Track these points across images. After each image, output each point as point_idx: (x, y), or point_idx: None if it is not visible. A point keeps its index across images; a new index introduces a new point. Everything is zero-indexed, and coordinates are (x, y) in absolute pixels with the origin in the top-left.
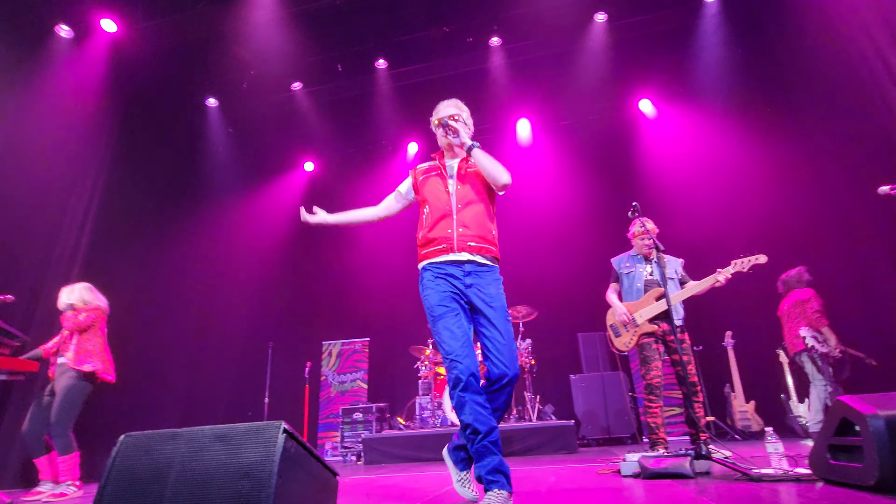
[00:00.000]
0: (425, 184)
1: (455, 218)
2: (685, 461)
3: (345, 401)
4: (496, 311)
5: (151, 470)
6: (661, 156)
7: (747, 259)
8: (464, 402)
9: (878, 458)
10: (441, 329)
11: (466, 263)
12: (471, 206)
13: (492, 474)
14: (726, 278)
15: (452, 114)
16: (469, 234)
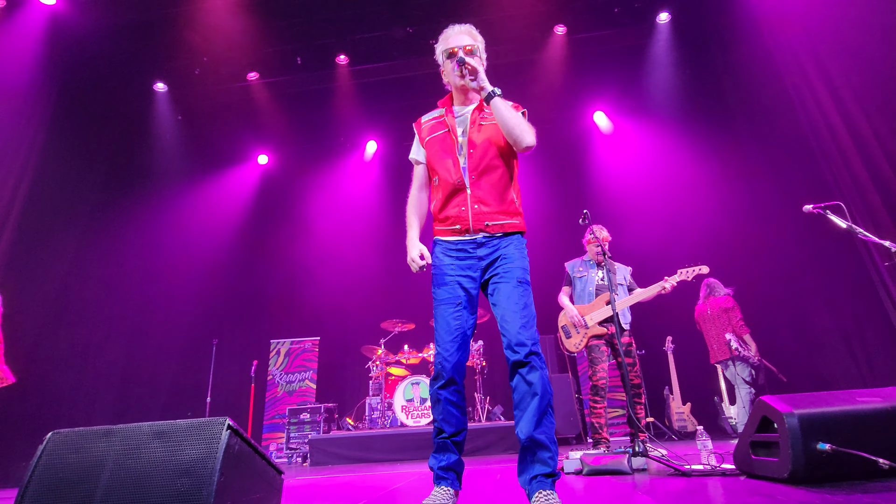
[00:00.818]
0: (432, 146)
1: (469, 192)
2: (623, 458)
3: (292, 401)
4: (509, 277)
5: (81, 469)
6: (612, 166)
7: (691, 269)
8: (438, 399)
9: (791, 452)
10: (438, 317)
11: (483, 240)
12: (488, 174)
13: (444, 470)
14: (672, 286)
15: (467, 44)
16: (487, 210)
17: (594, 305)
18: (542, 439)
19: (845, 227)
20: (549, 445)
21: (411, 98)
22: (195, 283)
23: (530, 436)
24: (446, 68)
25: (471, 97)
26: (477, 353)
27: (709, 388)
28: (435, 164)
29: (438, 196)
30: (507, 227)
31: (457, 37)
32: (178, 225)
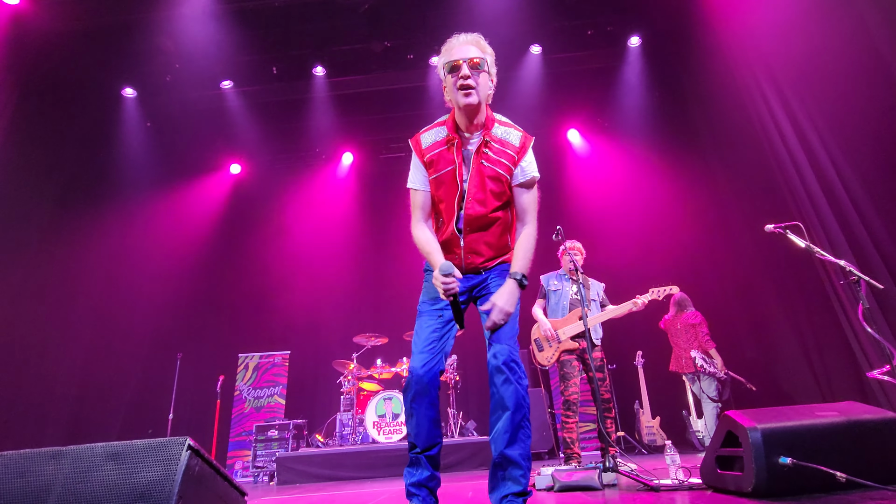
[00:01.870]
0: (437, 185)
1: (463, 244)
2: (594, 474)
3: (260, 417)
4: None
5: (25, 495)
6: (586, 184)
7: (662, 289)
8: (412, 412)
9: (754, 466)
10: (419, 327)
11: (469, 279)
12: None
13: (415, 486)
14: (644, 304)
15: (473, 57)
16: (480, 259)
17: (567, 320)
18: (515, 457)
19: (804, 247)
20: (521, 463)
21: (388, 111)
22: (160, 294)
23: (502, 452)
24: (448, 83)
25: (477, 121)
26: (451, 367)
27: (678, 402)
28: (438, 204)
29: (437, 224)
30: (499, 260)
31: (461, 48)
32: (144, 234)
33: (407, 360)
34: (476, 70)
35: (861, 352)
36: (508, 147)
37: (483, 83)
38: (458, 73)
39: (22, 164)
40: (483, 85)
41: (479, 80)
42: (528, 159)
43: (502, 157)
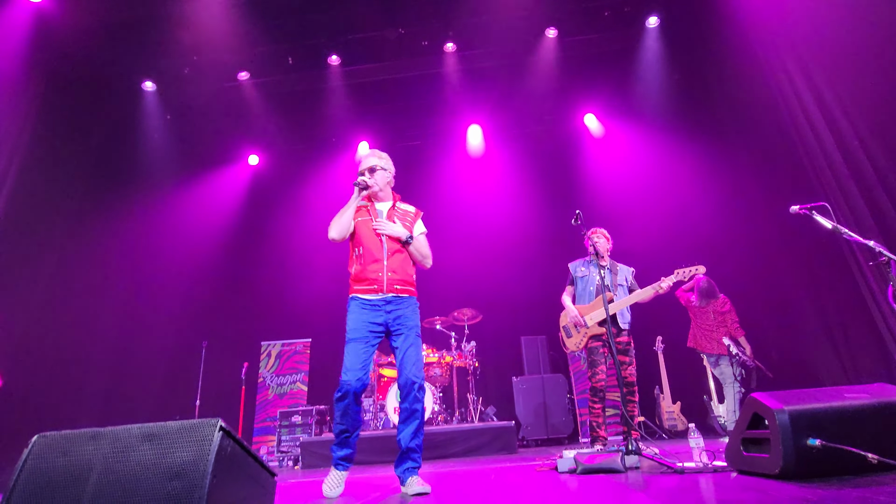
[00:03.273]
0: (358, 227)
1: (385, 264)
2: (617, 457)
3: (283, 403)
4: (408, 333)
5: (68, 473)
6: (603, 168)
7: (688, 269)
8: (346, 409)
9: (782, 448)
10: (347, 350)
11: (391, 299)
12: (398, 254)
13: (344, 459)
14: (668, 286)
15: (372, 165)
16: (396, 278)
17: (593, 305)
18: (415, 447)
19: (830, 228)
20: (418, 451)
21: (403, 99)
22: (184, 284)
23: (408, 446)
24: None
25: (384, 196)
26: (469, 354)
27: (698, 387)
28: (363, 239)
29: (360, 262)
30: (407, 292)
31: (368, 159)
32: (167, 226)
33: (426, 347)
34: (371, 173)
35: (889, 333)
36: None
37: (381, 177)
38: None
39: (50, 157)
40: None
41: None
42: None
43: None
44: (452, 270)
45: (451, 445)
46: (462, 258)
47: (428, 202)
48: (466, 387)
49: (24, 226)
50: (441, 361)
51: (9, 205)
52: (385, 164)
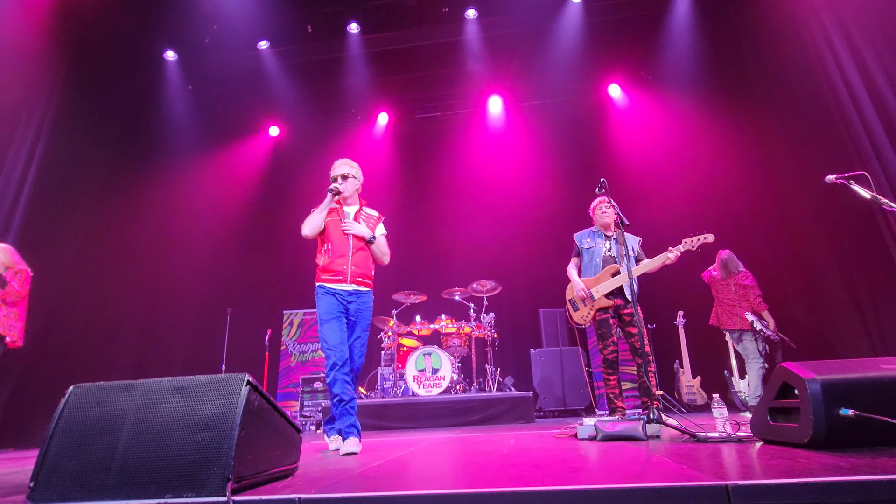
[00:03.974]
0: (328, 226)
1: (350, 258)
2: (638, 425)
3: (305, 370)
4: (362, 325)
5: (103, 422)
6: (628, 140)
7: (696, 238)
8: (336, 379)
9: (812, 417)
10: (326, 330)
11: (353, 291)
12: (361, 251)
13: (348, 428)
14: (676, 256)
15: (343, 173)
16: (358, 272)
17: (599, 278)
18: (356, 422)
19: (869, 198)
20: (357, 425)
21: (423, 69)
22: (208, 253)
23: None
24: (335, 183)
25: (352, 202)
26: (489, 324)
27: (719, 363)
28: (331, 236)
29: (328, 256)
30: (366, 285)
31: (338, 167)
32: (192, 194)
33: (445, 317)
34: (344, 180)
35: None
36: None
37: (350, 184)
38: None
39: (77, 128)
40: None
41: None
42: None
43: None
44: (472, 242)
45: (469, 413)
46: (482, 230)
47: (447, 174)
48: (485, 357)
49: (56, 191)
50: (460, 332)
51: (40, 171)
52: (356, 173)
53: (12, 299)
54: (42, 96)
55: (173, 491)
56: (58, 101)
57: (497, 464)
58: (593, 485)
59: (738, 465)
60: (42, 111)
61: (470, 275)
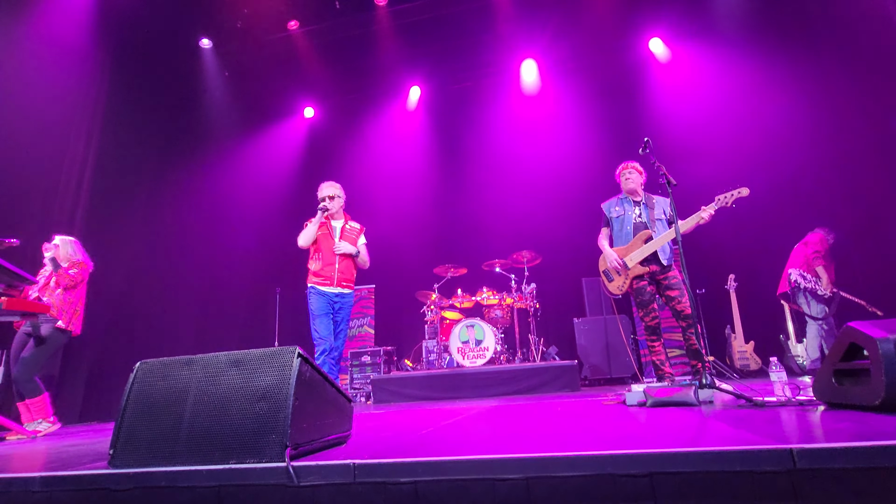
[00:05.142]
0: (319, 238)
1: (336, 266)
2: (690, 391)
3: (353, 345)
4: (345, 319)
5: (169, 394)
6: (672, 97)
7: (730, 194)
8: (325, 362)
9: (885, 378)
10: (318, 323)
11: (338, 293)
12: (345, 260)
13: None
14: (710, 215)
15: (330, 194)
16: (343, 276)
17: (631, 246)
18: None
19: None
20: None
21: (454, 38)
22: (255, 235)
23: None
24: (324, 202)
25: (337, 217)
26: (530, 295)
27: (774, 327)
28: (321, 246)
29: (319, 261)
30: (350, 287)
31: (325, 189)
32: (235, 180)
33: (486, 289)
34: (331, 200)
35: None
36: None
37: (336, 203)
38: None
39: (126, 121)
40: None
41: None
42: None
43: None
44: (510, 213)
45: (513, 383)
46: (520, 200)
47: (483, 145)
48: (528, 328)
49: (113, 184)
50: (502, 303)
51: (97, 165)
52: (340, 192)
53: (66, 283)
54: (91, 92)
55: (236, 457)
56: (106, 97)
57: (546, 430)
58: (646, 449)
59: (802, 429)
60: (93, 107)
61: (510, 246)
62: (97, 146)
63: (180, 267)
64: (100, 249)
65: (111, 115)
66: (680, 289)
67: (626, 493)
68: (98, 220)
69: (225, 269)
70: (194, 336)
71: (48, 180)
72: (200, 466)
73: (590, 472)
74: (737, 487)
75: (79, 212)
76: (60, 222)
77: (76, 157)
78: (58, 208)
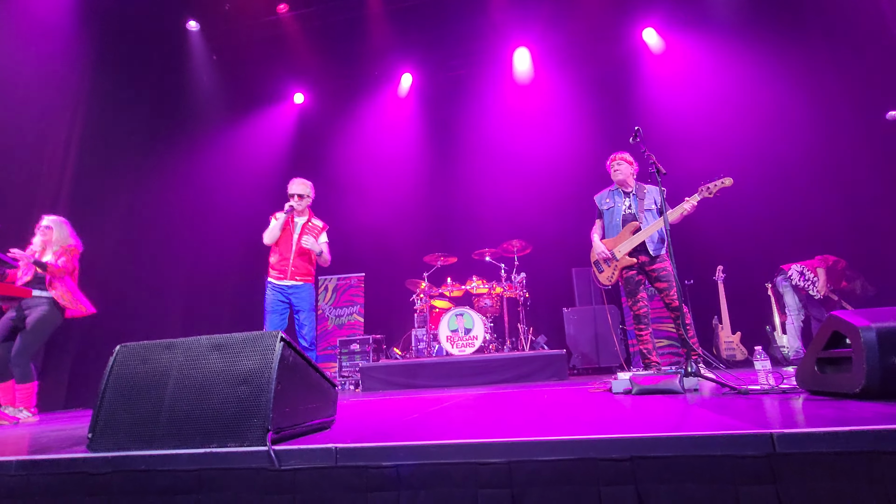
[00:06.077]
0: (282, 234)
1: (291, 260)
2: (675, 378)
3: (342, 333)
4: (305, 311)
5: (150, 377)
6: (663, 88)
7: (713, 184)
8: None
9: (866, 366)
10: (269, 320)
11: (292, 286)
12: (302, 257)
13: None
14: (693, 206)
15: (300, 192)
16: (296, 271)
17: (619, 238)
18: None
19: None
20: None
21: (445, 24)
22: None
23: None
24: (293, 200)
25: (301, 214)
26: (520, 284)
27: (760, 318)
28: (280, 241)
29: (277, 256)
30: (305, 280)
31: (295, 187)
32: (225, 164)
33: (476, 278)
34: (300, 200)
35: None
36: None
37: (304, 202)
38: (293, 198)
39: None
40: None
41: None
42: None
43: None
44: (501, 202)
45: (502, 371)
46: (511, 189)
47: (474, 133)
48: (517, 317)
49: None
50: (491, 293)
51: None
52: (310, 192)
53: (60, 275)
54: (75, 74)
55: (217, 441)
56: (90, 79)
57: (531, 416)
58: (628, 433)
59: (783, 415)
60: (76, 89)
61: (500, 235)
62: (81, 128)
63: (166, 253)
64: (84, 233)
65: (96, 98)
66: (668, 281)
67: (608, 477)
68: (82, 204)
69: (212, 256)
70: (181, 323)
71: (32, 163)
72: (181, 450)
73: (572, 455)
74: (717, 471)
75: (62, 195)
76: (44, 204)
77: (59, 139)
78: (42, 191)
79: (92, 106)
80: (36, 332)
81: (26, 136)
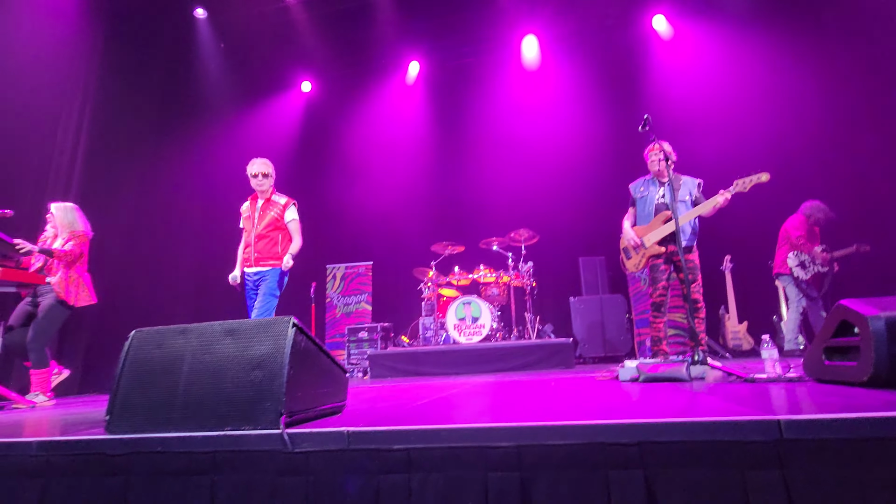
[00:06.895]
0: (245, 220)
1: (253, 246)
2: (682, 366)
3: (350, 321)
4: (265, 292)
5: (164, 362)
6: (672, 76)
7: (749, 179)
8: None
9: (874, 355)
10: (249, 308)
11: (257, 272)
12: (264, 239)
13: None
14: (726, 199)
15: (264, 171)
16: (260, 257)
17: (651, 226)
18: None
19: None
20: None
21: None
22: None
23: None
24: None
25: (263, 195)
26: (527, 273)
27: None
28: (245, 228)
29: (244, 243)
30: (269, 265)
31: (254, 166)
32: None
33: (483, 267)
34: (265, 178)
35: None
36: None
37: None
38: (255, 179)
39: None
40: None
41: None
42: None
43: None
44: (508, 191)
45: (508, 359)
46: (518, 178)
47: (482, 122)
48: (524, 306)
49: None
50: (498, 281)
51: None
52: (271, 171)
53: (67, 261)
54: (84, 61)
55: (232, 424)
56: (99, 66)
57: (538, 402)
58: (636, 419)
59: (790, 403)
60: (86, 76)
61: (507, 224)
62: (91, 115)
63: (178, 239)
64: (96, 220)
65: (105, 84)
66: (694, 273)
67: (616, 462)
68: (94, 190)
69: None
70: (193, 309)
71: (44, 150)
72: (196, 433)
73: (580, 440)
74: (724, 457)
75: (74, 181)
76: (56, 191)
77: (70, 125)
78: (53, 177)
79: (101, 93)
80: (48, 319)
81: (38, 124)
